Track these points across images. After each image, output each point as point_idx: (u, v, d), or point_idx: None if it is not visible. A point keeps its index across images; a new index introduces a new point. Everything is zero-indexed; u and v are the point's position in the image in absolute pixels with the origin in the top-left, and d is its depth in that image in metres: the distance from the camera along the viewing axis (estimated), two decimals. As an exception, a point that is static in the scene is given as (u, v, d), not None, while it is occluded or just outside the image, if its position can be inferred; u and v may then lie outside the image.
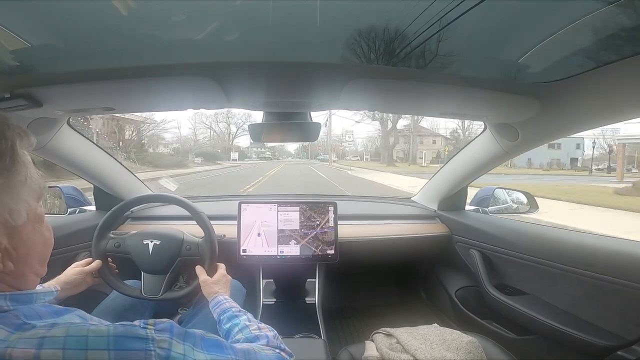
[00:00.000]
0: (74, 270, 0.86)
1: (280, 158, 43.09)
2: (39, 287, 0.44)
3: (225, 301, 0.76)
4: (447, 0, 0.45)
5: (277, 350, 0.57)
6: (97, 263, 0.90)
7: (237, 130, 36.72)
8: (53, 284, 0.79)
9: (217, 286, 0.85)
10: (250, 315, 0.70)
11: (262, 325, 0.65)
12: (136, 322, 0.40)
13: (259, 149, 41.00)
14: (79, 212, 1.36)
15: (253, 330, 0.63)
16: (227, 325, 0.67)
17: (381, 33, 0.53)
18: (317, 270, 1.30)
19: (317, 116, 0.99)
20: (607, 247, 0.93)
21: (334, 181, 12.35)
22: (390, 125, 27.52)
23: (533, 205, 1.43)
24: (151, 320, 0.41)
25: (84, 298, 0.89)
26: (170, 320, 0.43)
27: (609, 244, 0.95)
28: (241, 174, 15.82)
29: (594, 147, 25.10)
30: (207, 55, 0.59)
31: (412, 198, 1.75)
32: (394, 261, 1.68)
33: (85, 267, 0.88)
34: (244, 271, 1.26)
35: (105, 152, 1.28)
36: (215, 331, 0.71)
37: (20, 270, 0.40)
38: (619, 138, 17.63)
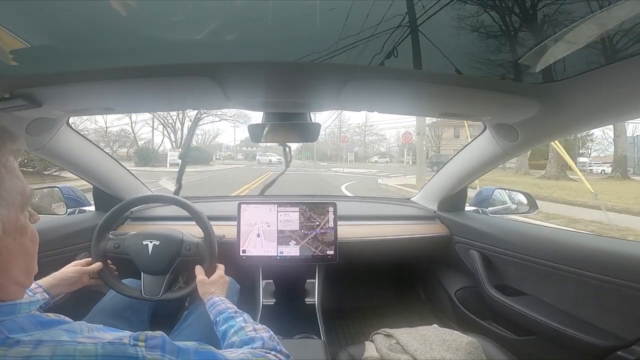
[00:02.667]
0: (72, 268, 0.86)
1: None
2: (26, 296, 0.43)
3: (221, 302, 0.76)
4: (447, 1, 0.45)
5: (273, 353, 0.57)
6: (97, 265, 0.90)
7: (201, 113, 21.73)
8: (48, 280, 0.79)
9: (213, 287, 0.84)
10: (247, 316, 0.70)
11: (258, 326, 0.65)
12: (125, 340, 0.39)
13: (248, 148, 33.55)
14: (78, 212, 1.36)
15: (248, 332, 0.62)
16: (223, 327, 0.67)
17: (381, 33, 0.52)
18: (316, 270, 1.30)
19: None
20: (606, 247, 0.93)
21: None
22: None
23: (532, 206, 1.43)
24: (142, 336, 0.40)
25: (81, 298, 0.89)
26: (163, 335, 0.42)
27: (609, 244, 0.95)
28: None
29: None
30: (207, 55, 0.59)
31: (411, 199, 1.75)
32: (393, 262, 1.67)
33: (84, 267, 0.88)
34: (244, 272, 1.26)
35: (105, 152, 1.28)
36: (209, 330, 0.71)
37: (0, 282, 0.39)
38: None
